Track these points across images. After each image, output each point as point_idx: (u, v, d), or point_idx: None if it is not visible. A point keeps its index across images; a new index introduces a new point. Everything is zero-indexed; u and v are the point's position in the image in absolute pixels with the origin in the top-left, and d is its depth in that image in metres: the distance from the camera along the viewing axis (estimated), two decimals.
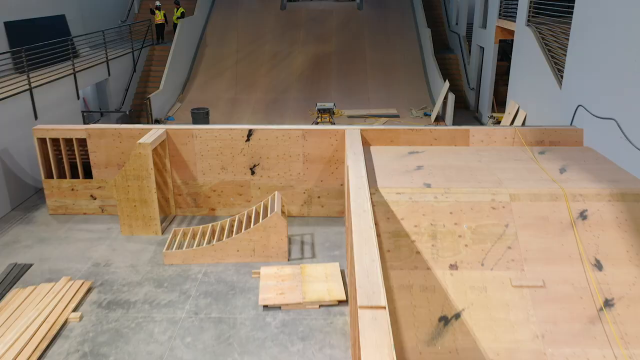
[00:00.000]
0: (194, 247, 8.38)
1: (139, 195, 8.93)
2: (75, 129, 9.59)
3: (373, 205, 6.59)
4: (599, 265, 6.21)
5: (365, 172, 6.99)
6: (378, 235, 6.40)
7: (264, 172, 9.78)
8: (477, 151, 8.73)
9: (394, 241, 6.47)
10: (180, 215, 10.09)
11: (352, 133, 9.18)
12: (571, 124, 9.60)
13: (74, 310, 6.89)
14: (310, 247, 8.79)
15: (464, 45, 20.77)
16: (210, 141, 9.60)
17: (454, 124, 16.81)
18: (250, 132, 9.55)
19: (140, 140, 8.67)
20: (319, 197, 9.89)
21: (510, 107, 13.49)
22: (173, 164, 9.76)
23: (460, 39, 21.31)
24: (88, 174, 9.95)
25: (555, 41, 11.51)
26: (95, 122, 16.25)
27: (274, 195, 8.82)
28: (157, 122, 16.84)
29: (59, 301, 6.92)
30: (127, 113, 15.30)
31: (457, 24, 22.56)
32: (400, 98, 19.75)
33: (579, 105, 9.30)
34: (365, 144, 9.25)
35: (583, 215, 6.59)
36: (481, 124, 17.25)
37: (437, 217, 6.64)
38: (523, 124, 12.45)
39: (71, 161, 10.06)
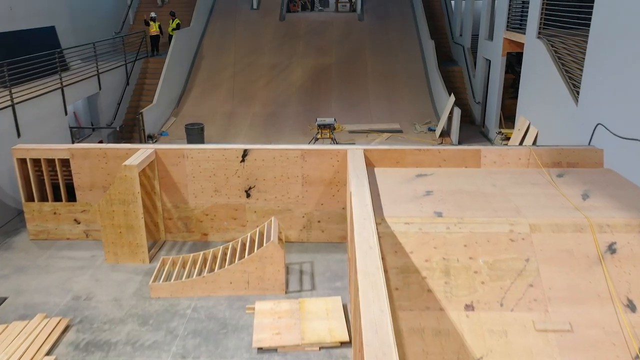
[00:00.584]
0: (184, 278, 7.79)
1: (125, 221, 8.36)
2: (58, 149, 9.04)
3: (379, 237, 6.01)
4: (632, 306, 5.63)
5: (370, 200, 6.42)
6: (385, 271, 5.81)
7: (260, 195, 9.22)
8: (489, 174, 8.17)
9: (402, 278, 5.89)
10: (170, 241, 9.51)
11: (355, 153, 8.64)
12: (589, 143, 9.06)
13: (48, 353, 6.29)
14: (310, 277, 8.20)
15: (469, 57, 20.30)
16: (203, 162, 9.05)
17: (459, 139, 16.30)
18: (245, 152, 9.00)
19: (126, 162, 8.12)
20: (319, 221, 9.31)
21: (520, 123, 12.96)
22: (163, 186, 9.19)
23: (464, 51, 20.85)
24: (71, 197, 9.38)
25: (569, 54, 11.00)
26: (85, 138, 15.72)
27: (271, 220, 8.25)
28: (150, 137, 16.31)
29: (32, 343, 6.32)
30: (118, 129, 14.77)
31: (461, 35, 22.13)
32: (403, 112, 19.25)
33: (598, 124, 8.76)
34: (369, 165, 8.69)
35: (612, 249, 6.02)
36: (488, 139, 16.73)
37: (450, 250, 6.06)
38: (535, 141, 11.91)
39: (54, 183, 9.50)
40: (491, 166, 8.60)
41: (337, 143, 15.65)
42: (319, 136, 15.26)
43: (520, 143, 12.61)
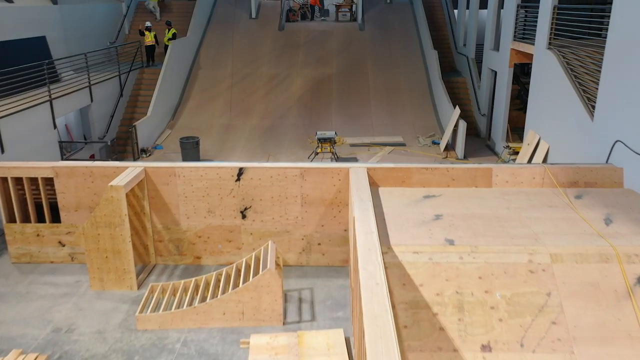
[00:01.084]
0: (173, 307, 7.28)
1: (111, 245, 7.86)
2: (41, 167, 8.56)
3: (385, 268, 5.52)
4: None
5: (376, 226, 5.94)
6: (392, 306, 5.31)
7: (256, 216, 8.73)
8: (502, 195, 7.70)
9: (412, 314, 5.40)
10: (161, 264, 9.00)
11: (358, 172, 8.16)
12: (607, 161, 8.59)
13: None
14: (310, 306, 7.69)
15: (473, 68, 19.93)
16: (195, 181, 8.57)
17: (464, 153, 15.85)
18: (240, 171, 8.52)
19: (113, 183, 7.64)
20: (319, 244, 8.82)
21: (530, 137, 12.51)
22: (153, 206, 8.71)
23: (468, 61, 20.47)
24: (56, 218, 8.89)
25: (581, 66, 10.58)
26: (76, 152, 15.27)
27: (268, 245, 7.75)
28: (144, 151, 15.86)
29: None
30: (109, 143, 14.31)
31: (464, 45, 21.77)
32: (406, 124, 18.82)
33: (616, 141, 8.30)
34: (373, 185, 8.22)
35: None
36: (494, 153, 16.26)
37: (463, 282, 5.57)
38: (546, 157, 11.45)
39: (37, 203, 9.01)
40: (503, 186, 8.13)
41: (337, 158, 15.21)
42: (319, 150, 14.82)
43: (530, 158, 12.15)
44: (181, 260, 9.00)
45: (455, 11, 24.55)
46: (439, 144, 16.98)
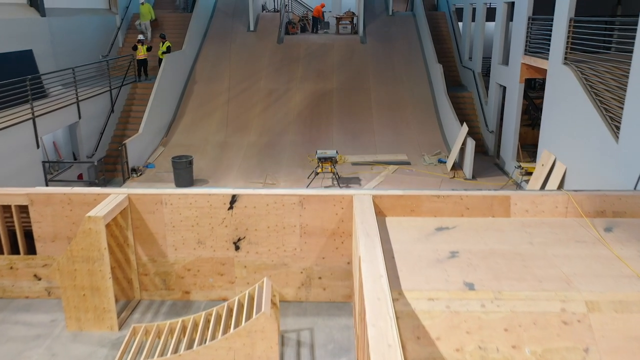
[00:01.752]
0: (157, 354, 6.58)
1: (90, 282, 7.18)
2: (14, 194, 7.91)
3: (397, 318, 4.84)
4: None
5: (385, 269, 5.27)
6: None
7: (251, 247, 8.06)
8: (523, 226, 7.04)
9: None
10: (146, 300, 8.31)
11: (362, 200, 7.51)
12: (635, 187, 7.95)
13: None
14: (309, 350, 7.00)
15: (480, 82, 19.37)
16: (184, 209, 7.91)
17: (472, 172, 15.21)
18: (233, 198, 7.87)
19: (91, 213, 6.98)
20: (320, 278, 8.14)
21: (544, 158, 11.88)
22: (137, 237, 8.04)
23: (475, 75, 19.93)
24: (31, 249, 8.22)
25: (601, 83, 9.98)
26: (63, 172, 14.64)
27: (263, 282, 7.07)
28: (134, 171, 15.22)
29: None
30: (96, 163, 13.67)
31: (470, 59, 21.24)
32: (411, 142, 18.21)
33: None
34: (379, 214, 7.56)
35: None
36: (504, 172, 15.63)
37: (486, 335, 4.89)
38: (563, 180, 10.81)
39: (11, 231, 8.34)
40: (523, 215, 7.47)
41: (339, 177, 14.58)
42: (319, 170, 14.18)
43: (545, 181, 11.51)
44: (168, 296, 8.31)
45: (460, 24, 24.09)
46: (445, 162, 16.36)
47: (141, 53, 19.66)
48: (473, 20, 20.90)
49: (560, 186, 10.84)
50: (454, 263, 5.85)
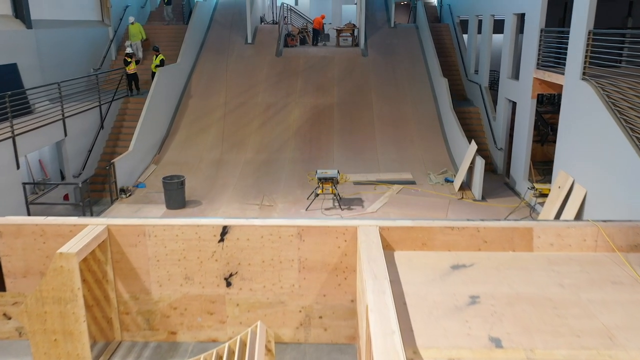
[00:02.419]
0: None
1: (62, 325, 6.47)
2: None
3: None
4: None
5: (397, 321, 4.57)
6: None
7: (244, 284, 7.36)
8: (549, 263, 6.34)
9: None
10: (127, 341, 7.59)
11: (368, 233, 6.83)
12: None
13: None
14: None
15: (487, 97, 18.77)
16: (170, 241, 7.22)
17: (482, 192, 14.54)
18: (224, 230, 7.18)
19: (63, 249, 6.29)
20: (320, 317, 7.43)
21: (561, 179, 11.21)
22: (118, 272, 7.34)
23: (481, 90, 19.33)
24: (0, 286, 7.51)
25: (624, 100, 9.34)
26: (47, 193, 13.96)
27: (256, 326, 6.35)
28: (123, 191, 14.54)
29: None
30: (80, 185, 12.98)
31: (476, 72, 20.67)
32: (415, 159, 17.56)
33: None
34: (387, 248, 6.87)
35: None
36: (515, 193, 14.94)
37: None
38: (582, 205, 10.13)
39: None
40: (547, 250, 6.78)
41: (340, 198, 13.90)
42: (319, 191, 13.51)
43: (563, 205, 10.83)
44: (152, 337, 7.59)
45: (465, 36, 23.56)
46: (452, 181, 15.69)
47: (131, 67, 19.05)
48: (479, 32, 20.35)
49: (580, 211, 10.17)
50: (476, 311, 5.15)
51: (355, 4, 31.30)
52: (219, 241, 7.21)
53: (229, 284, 7.36)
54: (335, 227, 7.14)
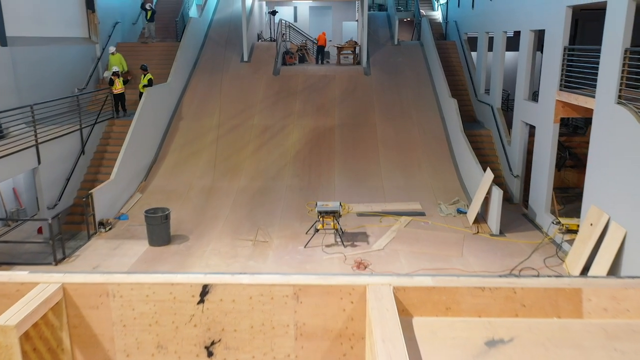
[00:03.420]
0: None
1: None
2: None
3: None
4: None
5: None
6: None
7: (229, 354, 6.16)
8: (607, 337, 5.15)
9: None
10: None
11: (380, 293, 5.62)
12: None
13: None
14: None
15: (500, 119, 17.75)
16: (139, 303, 6.04)
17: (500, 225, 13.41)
18: (205, 289, 6.00)
19: (0, 320, 5.13)
20: None
21: (594, 216, 10.10)
22: (75, 339, 6.15)
23: (493, 111, 18.33)
24: None
25: None
26: (17, 226, 12.82)
27: None
28: (102, 225, 13.41)
29: None
30: (49, 221, 11.83)
31: (487, 92, 19.68)
32: (423, 187, 16.47)
33: None
34: (403, 313, 5.67)
35: None
36: (536, 226, 13.79)
37: None
38: (622, 247, 9.00)
39: None
40: (601, 316, 5.59)
41: (342, 233, 12.78)
42: (319, 226, 12.38)
43: (597, 245, 9.70)
44: None
45: (473, 54, 22.63)
46: (465, 212, 14.57)
47: (118, 87, 18.07)
48: (490, 49, 19.40)
49: (619, 256, 9.06)
50: None
51: (357, 20, 30.56)
52: (199, 302, 6.05)
53: (210, 354, 6.19)
54: (340, 286, 5.98)
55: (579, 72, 11.92)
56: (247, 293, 5.87)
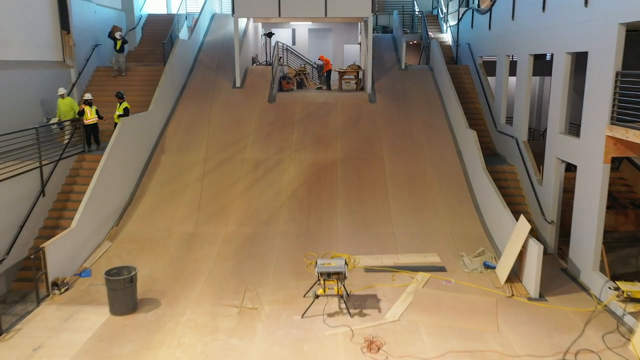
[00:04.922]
0: None
1: None
2: None
3: None
4: None
5: None
6: None
7: None
8: None
9: None
10: None
11: None
12: None
13: None
14: None
15: (527, 154, 15.73)
16: None
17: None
18: None
19: None
20: None
21: None
22: None
23: (518, 144, 16.33)
24: None
25: None
26: None
27: None
28: (56, 285, 11.26)
29: None
30: None
31: (510, 123, 17.70)
32: (441, 234, 14.36)
33: None
34: None
35: None
36: (581, 286, 11.61)
37: None
38: None
39: None
40: None
41: (348, 296, 10.64)
42: (319, 291, 10.23)
43: None
44: None
45: (491, 79, 20.73)
46: (493, 267, 12.43)
47: (90, 117, 16.09)
48: (513, 74, 17.48)
49: None
50: None
51: (359, 43, 28.81)
52: None
53: None
54: None
55: (636, 103, 9.93)
56: None
